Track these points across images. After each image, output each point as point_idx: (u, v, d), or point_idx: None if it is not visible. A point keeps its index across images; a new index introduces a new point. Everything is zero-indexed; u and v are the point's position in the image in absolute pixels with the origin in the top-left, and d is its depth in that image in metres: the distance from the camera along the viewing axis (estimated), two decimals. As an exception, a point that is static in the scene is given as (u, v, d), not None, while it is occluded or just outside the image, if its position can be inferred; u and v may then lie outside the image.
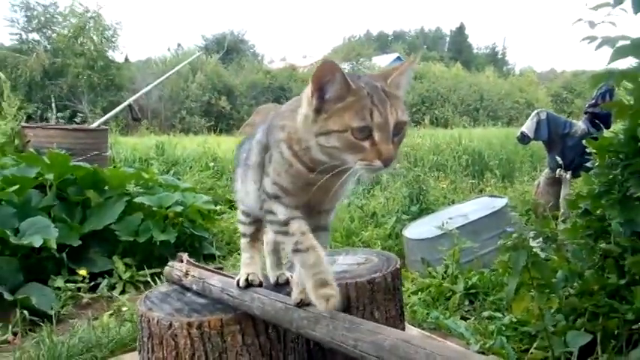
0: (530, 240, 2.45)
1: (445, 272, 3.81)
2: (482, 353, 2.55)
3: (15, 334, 3.02)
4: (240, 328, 1.13)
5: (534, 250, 2.25)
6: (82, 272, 3.73)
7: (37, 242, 3.44)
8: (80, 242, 3.92)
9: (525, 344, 2.74)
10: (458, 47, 55.39)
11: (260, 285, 1.30)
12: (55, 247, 3.58)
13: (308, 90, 1.08)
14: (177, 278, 1.38)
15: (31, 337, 2.88)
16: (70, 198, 4.27)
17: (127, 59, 33.13)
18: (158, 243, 4.18)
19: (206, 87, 28.68)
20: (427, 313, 3.02)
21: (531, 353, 2.45)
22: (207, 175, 6.86)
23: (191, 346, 1.13)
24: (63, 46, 26.70)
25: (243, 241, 1.50)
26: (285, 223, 1.19)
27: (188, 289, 1.36)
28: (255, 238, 1.49)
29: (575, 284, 2.31)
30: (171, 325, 1.14)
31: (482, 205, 4.69)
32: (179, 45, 32.42)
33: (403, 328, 1.67)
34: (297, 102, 1.16)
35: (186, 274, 1.34)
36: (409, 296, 3.38)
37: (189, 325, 1.13)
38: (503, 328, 2.89)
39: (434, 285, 3.61)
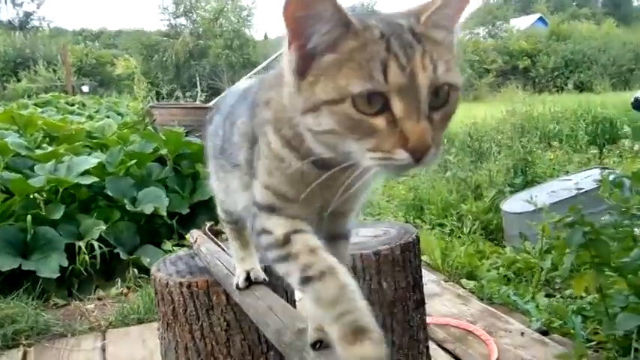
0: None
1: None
2: (544, 332, 2.46)
3: (128, 288, 3.51)
4: (223, 289, 1.28)
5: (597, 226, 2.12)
6: (188, 237, 4.15)
7: (149, 210, 3.92)
8: (189, 210, 4.36)
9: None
10: (615, 0, 49.62)
11: (265, 282, 1.17)
12: (164, 214, 4.04)
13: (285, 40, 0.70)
14: (190, 245, 1.58)
15: (139, 292, 3.32)
16: (182, 171, 4.74)
17: (265, 37, 34.75)
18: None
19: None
20: (498, 289, 2.94)
21: (596, 334, 2.33)
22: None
23: (183, 302, 1.30)
24: (205, 28, 28.71)
25: (228, 228, 1.29)
26: (285, 241, 0.81)
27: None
28: (242, 225, 1.21)
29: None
30: (167, 284, 1.32)
31: (591, 178, 4.34)
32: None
33: (418, 300, 1.70)
34: None
35: (195, 241, 1.52)
36: (489, 270, 3.30)
37: (181, 284, 1.31)
38: (587, 308, 2.74)
39: (521, 260, 3.48)
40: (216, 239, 1.50)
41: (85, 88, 20.84)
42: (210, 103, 6.58)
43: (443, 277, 3.33)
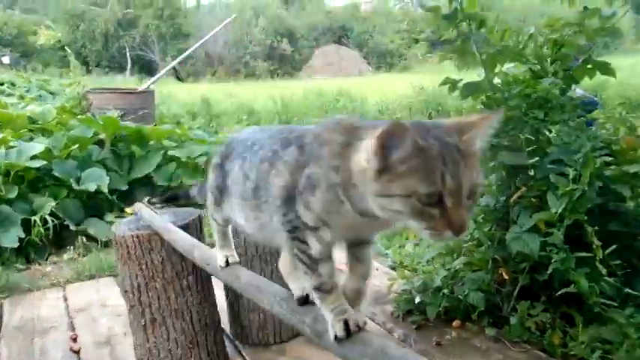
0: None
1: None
2: (394, 269, 3.42)
3: (78, 254, 4.22)
4: (159, 238, 2.08)
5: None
6: (129, 210, 4.84)
7: (92, 188, 4.60)
8: (127, 187, 5.07)
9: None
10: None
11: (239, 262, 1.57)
12: (106, 191, 4.73)
13: (370, 146, 0.95)
14: (134, 212, 2.36)
15: (88, 255, 4.05)
16: (120, 152, 5.41)
17: (198, 4, 34.18)
18: (187, 186, 5.25)
19: (269, 30, 29.23)
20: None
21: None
22: (241, 127, 7.90)
23: (134, 247, 2.10)
24: (133, -3, 28.11)
25: (218, 227, 1.57)
26: (316, 261, 1.13)
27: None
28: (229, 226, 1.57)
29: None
30: (123, 236, 2.12)
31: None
32: (243, -13, 32.65)
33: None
34: (347, 132, 1.04)
35: (139, 209, 2.30)
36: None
37: (132, 236, 2.10)
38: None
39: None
40: (152, 208, 2.28)
41: (6, 60, 20.12)
42: (141, 88, 7.16)
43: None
